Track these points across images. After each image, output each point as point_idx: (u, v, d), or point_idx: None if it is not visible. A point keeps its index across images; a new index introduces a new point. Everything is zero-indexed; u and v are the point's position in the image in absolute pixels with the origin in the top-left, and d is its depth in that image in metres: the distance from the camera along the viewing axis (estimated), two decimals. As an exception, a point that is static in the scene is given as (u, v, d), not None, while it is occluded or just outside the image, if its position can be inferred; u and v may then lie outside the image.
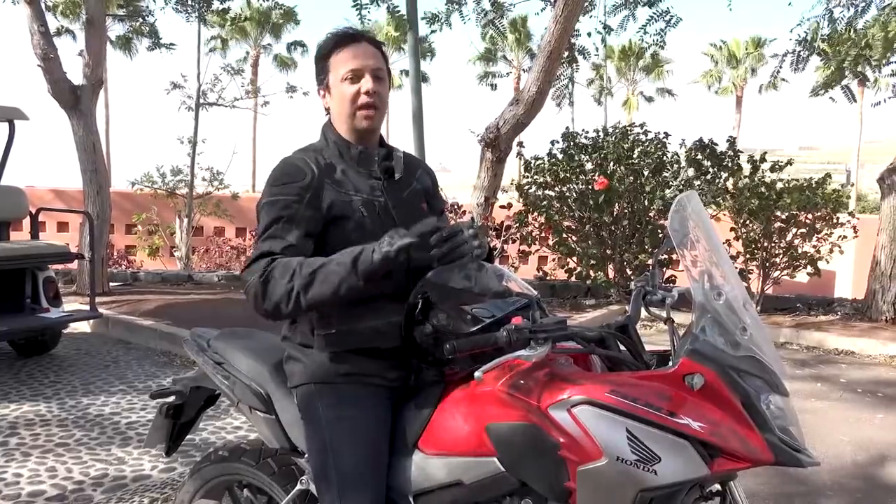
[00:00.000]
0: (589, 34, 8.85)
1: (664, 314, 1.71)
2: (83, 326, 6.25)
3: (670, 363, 1.47)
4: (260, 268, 1.57)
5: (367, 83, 1.68)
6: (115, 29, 21.23)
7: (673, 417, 1.36)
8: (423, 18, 7.53)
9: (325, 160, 1.70)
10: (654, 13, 7.88)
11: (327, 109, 1.77)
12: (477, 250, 1.53)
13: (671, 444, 1.36)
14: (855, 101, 9.07)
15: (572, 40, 8.01)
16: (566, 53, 7.73)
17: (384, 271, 1.51)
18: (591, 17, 8.70)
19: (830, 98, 8.23)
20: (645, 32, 8.09)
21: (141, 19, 10.43)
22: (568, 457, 1.42)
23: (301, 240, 1.61)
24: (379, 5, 7.29)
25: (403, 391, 1.72)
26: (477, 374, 1.45)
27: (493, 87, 29.86)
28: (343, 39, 1.72)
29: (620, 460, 1.37)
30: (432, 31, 8.03)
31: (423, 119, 6.07)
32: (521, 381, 1.50)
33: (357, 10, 7.53)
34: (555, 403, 1.44)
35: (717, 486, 1.54)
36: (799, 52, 7.99)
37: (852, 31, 7.42)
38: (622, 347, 1.62)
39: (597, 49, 8.99)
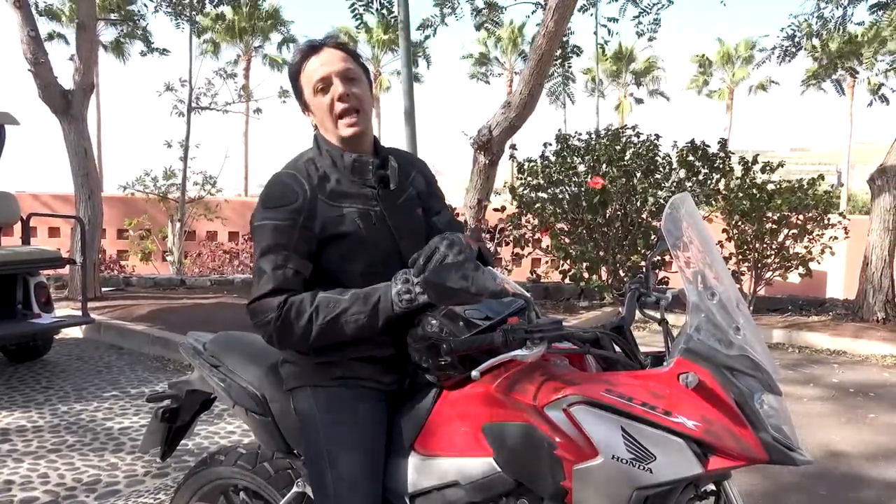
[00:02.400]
0: (600, 36, 8.87)
1: (658, 316, 1.73)
2: (75, 332, 6.21)
3: (665, 363, 1.48)
4: (273, 308, 1.56)
5: (337, 88, 1.65)
6: (108, 33, 21.17)
7: (668, 416, 1.37)
8: (417, 29, 7.55)
9: (318, 171, 1.67)
10: (646, 6, 7.97)
11: (315, 126, 1.74)
12: (458, 257, 1.54)
13: (666, 442, 1.37)
14: (844, 93, 9.32)
15: (564, 39, 8.03)
16: (559, 52, 7.75)
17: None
18: (588, 13, 8.74)
19: (821, 89, 8.42)
20: (639, 23, 8.16)
21: (132, 23, 10.39)
22: (564, 456, 1.43)
23: (302, 263, 1.61)
24: (370, 9, 7.29)
25: (399, 394, 1.72)
26: (474, 373, 1.45)
27: (486, 81, 30.37)
28: (306, 53, 1.69)
29: (616, 459, 1.37)
30: (426, 38, 8.05)
31: (415, 120, 6.07)
32: (517, 382, 1.51)
33: (355, 18, 7.56)
34: (550, 403, 1.44)
35: (712, 486, 1.55)
36: (786, 46, 8.11)
37: (841, 29, 7.54)
38: (617, 348, 1.63)
39: (603, 45, 8.99)
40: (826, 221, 7.33)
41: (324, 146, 1.71)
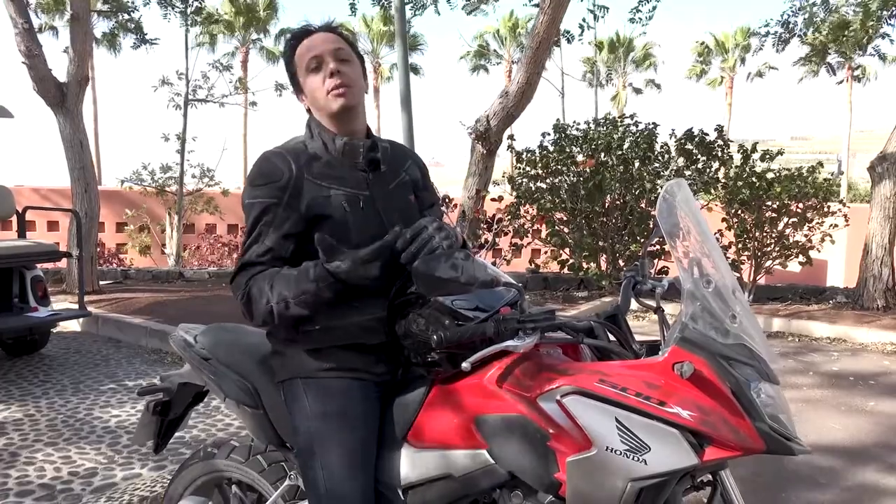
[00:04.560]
0: (589, 24, 8.80)
1: (654, 304, 1.70)
2: (73, 325, 6.20)
3: (660, 352, 1.45)
4: (241, 284, 1.59)
5: (329, 65, 1.65)
6: (101, 26, 21.03)
7: (662, 406, 1.35)
8: (408, 3, 7.52)
9: (308, 153, 1.67)
10: None
11: (309, 111, 1.73)
12: (444, 241, 1.50)
13: (661, 433, 1.34)
14: (835, 73, 9.34)
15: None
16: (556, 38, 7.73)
17: (354, 284, 1.52)
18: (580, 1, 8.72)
19: (813, 72, 8.52)
20: (638, 11, 8.11)
21: (126, 15, 10.32)
22: (557, 447, 1.41)
23: (279, 242, 1.60)
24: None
25: (392, 385, 1.70)
26: (464, 364, 1.43)
27: (486, 69, 31.33)
28: (299, 37, 1.70)
29: (610, 450, 1.35)
30: (415, 15, 8.03)
31: (412, 106, 6.05)
32: (510, 373, 1.49)
33: (352, 7, 7.56)
34: (544, 394, 1.42)
35: (709, 476, 1.53)
36: (781, 33, 8.13)
37: (832, 14, 7.54)
38: (611, 337, 1.61)
39: (584, 31, 8.93)
40: (826, 209, 7.31)
41: (316, 130, 1.70)
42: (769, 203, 7.24)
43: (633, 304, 1.78)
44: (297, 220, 1.61)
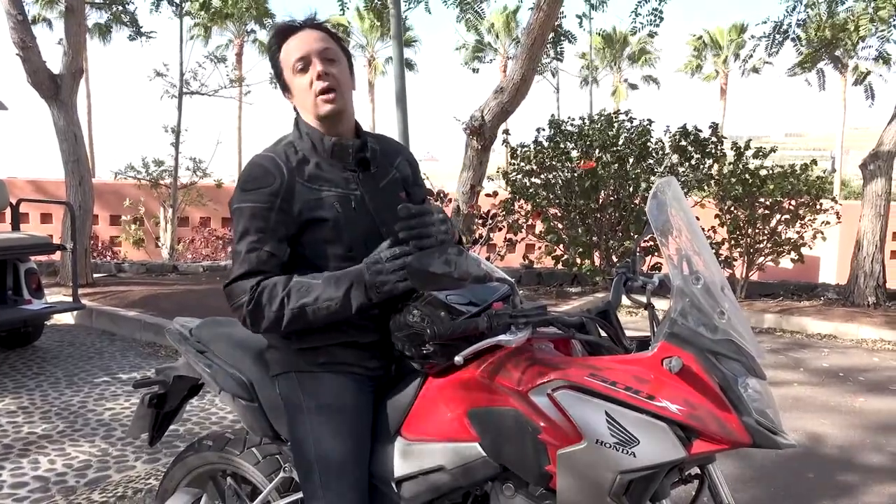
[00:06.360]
0: (579, 17, 8.76)
1: (644, 300, 1.72)
2: (67, 318, 6.20)
3: (650, 347, 1.48)
4: (246, 290, 1.57)
5: (316, 67, 1.62)
6: (95, 17, 20.88)
7: (651, 400, 1.37)
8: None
9: (297, 154, 1.66)
10: None
11: (296, 109, 1.72)
12: (442, 235, 1.55)
13: (650, 426, 1.37)
14: (824, 88, 9.39)
15: (557, 23, 7.98)
16: (551, 36, 7.71)
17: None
18: None
19: (805, 80, 8.46)
20: (637, 15, 8.09)
21: (121, 7, 10.25)
22: (548, 441, 1.43)
23: (278, 246, 1.60)
24: None
25: (385, 379, 1.72)
26: (457, 358, 1.45)
27: (476, 70, 31.28)
28: (285, 33, 1.67)
29: (600, 443, 1.38)
30: (409, 9, 8.01)
31: (407, 103, 6.06)
32: (502, 367, 1.51)
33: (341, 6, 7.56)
34: (535, 388, 1.44)
35: (697, 469, 1.56)
36: (774, 35, 8.15)
37: (829, 16, 7.55)
38: (602, 332, 1.62)
39: (581, 24, 8.91)
40: (818, 206, 7.35)
41: (304, 129, 1.69)
42: (762, 200, 7.28)
43: (625, 300, 1.81)
44: (290, 224, 1.61)
